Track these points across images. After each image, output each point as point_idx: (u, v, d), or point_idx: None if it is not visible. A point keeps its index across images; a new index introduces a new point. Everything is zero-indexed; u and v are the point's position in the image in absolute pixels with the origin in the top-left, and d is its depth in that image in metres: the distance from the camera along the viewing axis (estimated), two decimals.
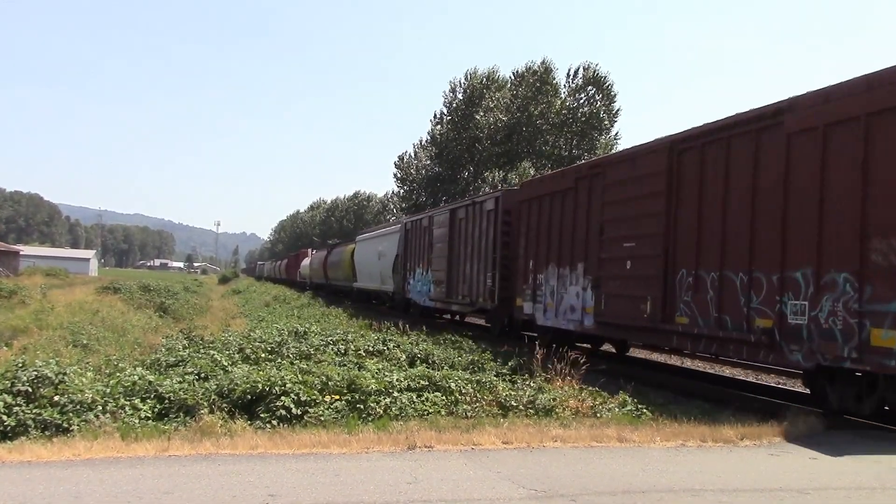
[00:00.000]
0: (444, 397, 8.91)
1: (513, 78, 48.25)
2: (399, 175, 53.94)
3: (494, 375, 10.63)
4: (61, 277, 58.71)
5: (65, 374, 8.14)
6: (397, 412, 8.30)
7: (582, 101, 46.28)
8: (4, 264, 65.87)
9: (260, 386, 8.28)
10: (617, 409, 9.00)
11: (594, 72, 45.81)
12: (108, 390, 8.14)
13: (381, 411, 8.26)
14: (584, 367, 10.55)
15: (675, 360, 16.58)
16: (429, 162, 51.62)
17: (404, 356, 12.23)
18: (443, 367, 11.18)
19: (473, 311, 21.27)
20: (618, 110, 46.34)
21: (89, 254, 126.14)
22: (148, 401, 8.05)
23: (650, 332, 12.02)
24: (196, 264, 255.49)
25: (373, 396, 8.49)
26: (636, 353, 17.96)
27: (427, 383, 9.27)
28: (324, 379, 8.73)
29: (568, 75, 46.84)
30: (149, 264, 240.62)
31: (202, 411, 7.74)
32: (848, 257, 8.35)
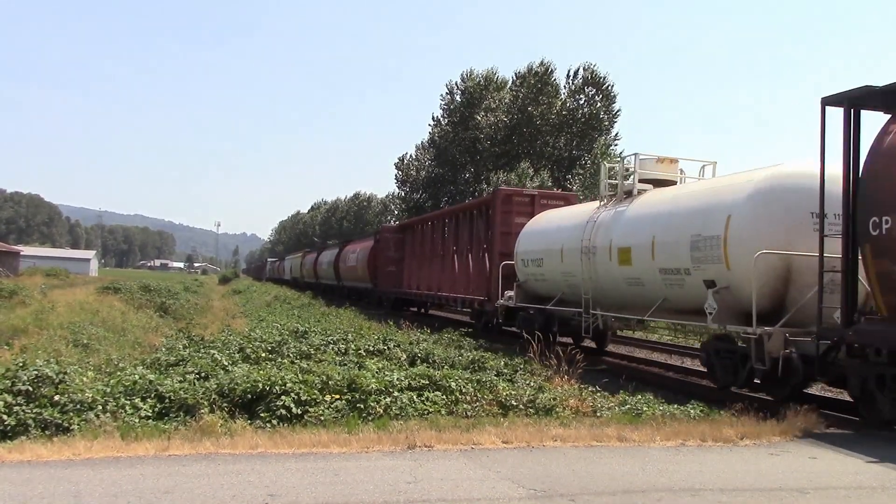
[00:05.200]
0: (444, 397, 8.90)
1: (514, 78, 48.24)
2: (399, 176, 53.93)
3: (495, 375, 10.64)
4: (61, 278, 58.60)
5: (65, 373, 8.12)
6: (397, 412, 8.29)
7: (581, 101, 46.27)
8: (5, 265, 65.83)
9: (260, 385, 8.28)
10: (617, 409, 8.99)
11: (593, 72, 45.81)
12: (109, 390, 8.14)
13: (382, 411, 8.26)
14: (582, 366, 10.56)
15: (674, 360, 16.57)
16: (429, 163, 51.59)
17: (405, 355, 12.22)
18: (443, 367, 11.17)
19: None
20: (618, 111, 46.36)
21: (89, 254, 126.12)
22: (148, 400, 8.04)
23: None
24: (196, 265, 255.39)
25: (373, 396, 8.49)
26: (638, 352, 17.97)
27: (427, 383, 9.26)
28: (324, 378, 8.72)
29: (567, 76, 46.86)
30: (149, 265, 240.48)
31: (202, 411, 7.74)
32: None
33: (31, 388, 7.66)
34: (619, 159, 17.97)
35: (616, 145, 45.70)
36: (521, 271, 17.07)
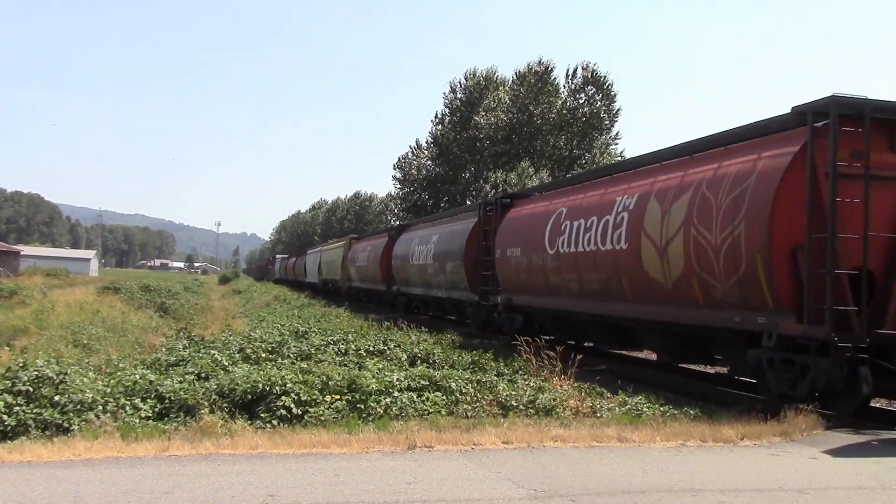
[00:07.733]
0: (444, 397, 8.90)
1: (514, 78, 48.26)
2: (399, 176, 53.86)
3: (495, 375, 10.64)
4: (62, 277, 58.65)
5: (65, 374, 8.13)
6: (397, 412, 8.29)
7: (582, 101, 46.29)
8: (5, 264, 65.80)
9: (260, 386, 8.28)
10: (617, 409, 8.99)
11: (593, 72, 45.84)
12: (109, 390, 8.15)
13: (382, 411, 8.26)
14: (582, 367, 10.57)
15: None
16: (429, 162, 51.59)
17: (405, 356, 12.23)
18: (443, 367, 11.17)
19: None
20: (618, 110, 46.41)
21: (90, 254, 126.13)
22: (148, 400, 8.05)
23: None
24: (196, 264, 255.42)
25: (373, 396, 8.49)
26: (636, 352, 17.91)
27: (427, 383, 9.26)
28: (324, 379, 8.72)
29: (567, 75, 46.89)
30: (149, 264, 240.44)
31: (202, 411, 7.74)
32: None
33: (31, 389, 7.66)
34: None
35: (616, 145, 45.80)
36: None
